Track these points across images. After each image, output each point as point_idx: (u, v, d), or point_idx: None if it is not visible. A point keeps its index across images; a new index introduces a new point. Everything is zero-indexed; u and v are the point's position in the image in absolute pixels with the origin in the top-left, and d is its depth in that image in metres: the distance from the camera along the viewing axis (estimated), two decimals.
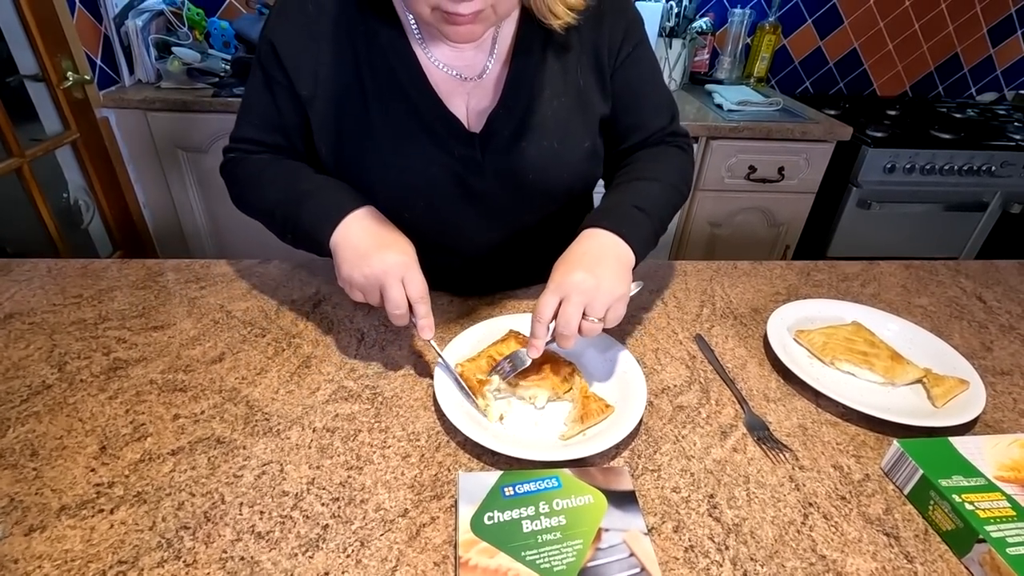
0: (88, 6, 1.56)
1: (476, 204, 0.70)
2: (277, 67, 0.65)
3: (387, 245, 0.59)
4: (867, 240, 1.89)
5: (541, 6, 0.61)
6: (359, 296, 0.60)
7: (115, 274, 0.80)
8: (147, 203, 1.77)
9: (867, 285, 0.88)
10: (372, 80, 0.64)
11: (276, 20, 0.65)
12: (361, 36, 0.63)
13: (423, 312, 0.60)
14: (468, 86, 0.67)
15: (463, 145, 0.66)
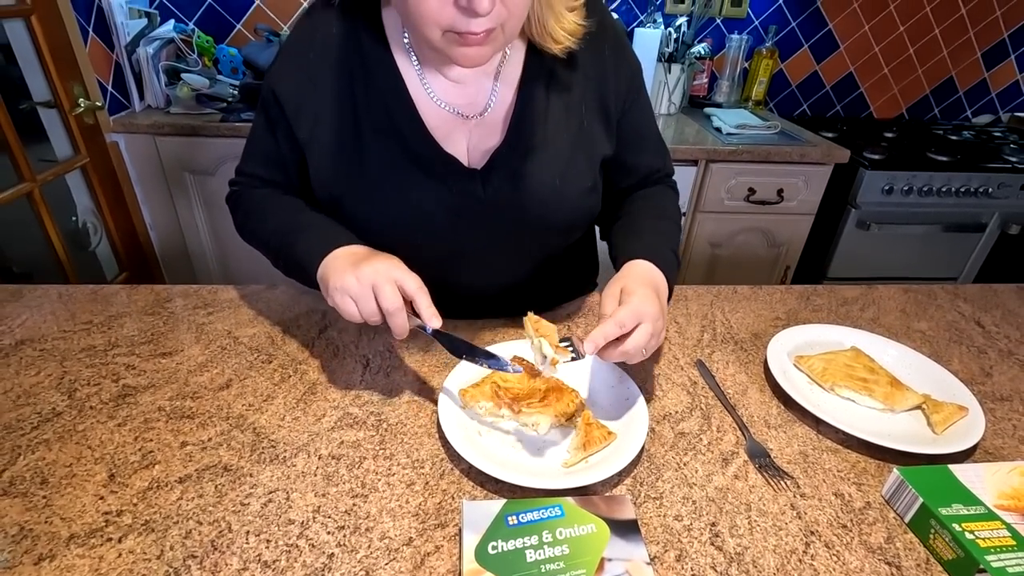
0: (101, 34, 1.60)
1: (476, 239, 0.71)
2: (278, 111, 0.68)
3: (374, 255, 0.60)
4: (867, 261, 1.91)
5: (541, 31, 0.63)
6: (352, 307, 0.57)
7: (124, 300, 0.81)
8: (154, 224, 1.79)
9: (866, 309, 0.89)
10: (369, 121, 0.66)
11: (279, 67, 0.67)
12: (360, 79, 0.65)
13: (424, 303, 0.58)
14: (470, 124, 0.68)
15: (463, 181, 0.67)
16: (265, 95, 0.69)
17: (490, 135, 0.68)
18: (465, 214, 0.68)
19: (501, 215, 0.69)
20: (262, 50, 1.73)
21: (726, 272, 1.92)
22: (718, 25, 2.08)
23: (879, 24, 2.10)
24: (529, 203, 0.69)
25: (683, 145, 1.68)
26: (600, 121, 0.71)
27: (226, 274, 1.87)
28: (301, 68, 0.66)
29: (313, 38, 0.66)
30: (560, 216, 0.71)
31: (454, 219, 0.69)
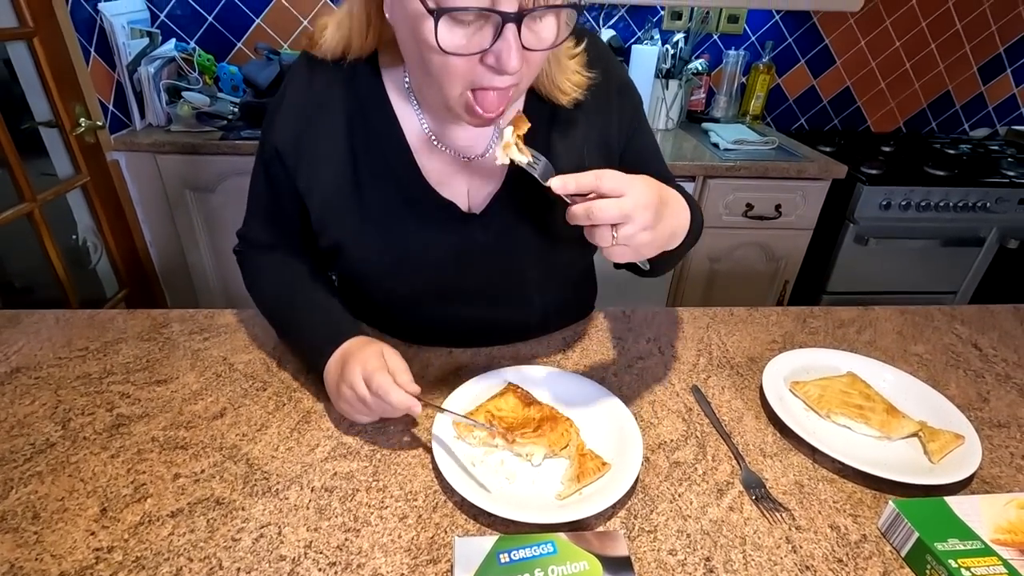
0: (102, 54, 1.62)
1: (475, 279, 0.71)
2: (280, 167, 0.68)
3: (350, 363, 0.61)
4: (865, 275, 1.90)
5: (549, 85, 0.63)
6: (363, 418, 0.64)
7: (121, 325, 0.82)
8: (153, 241, 1.80)
9: (863, 332, 0.88)
10: (367, 166, 0.66)
11: (279, 122, 0.66)
12: (359, 124, 0.65)
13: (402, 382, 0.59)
14: (470, 167, 0.68)
15: (462, 226, 0.67)
16: (267, 153, 0.68)
17: (490, 178, 0.68)
18: (465, 258, 0.68)
19: (501, 258, 0.69)
20: (262, 68, 1.75)
21: (724, 287, 1.92)
22: (715, 41, 2.10)
23: (875, 39, 2.12)
24: (529, 246, 0.68)
25: (681, 161, 1.68)
26: (602, 160, 0.70)
27: (226, 290, 1.88)
28: (300, 118, 0.66)
29: (311, 87, 0.65)
30: (561, 257, 0.71)
31: (453, 263, 0.69)
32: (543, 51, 0.53)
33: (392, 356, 0.61)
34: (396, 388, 0.57)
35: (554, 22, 0.52)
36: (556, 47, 0.55)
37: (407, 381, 0.59)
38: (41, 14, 1.37)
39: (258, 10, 1.86)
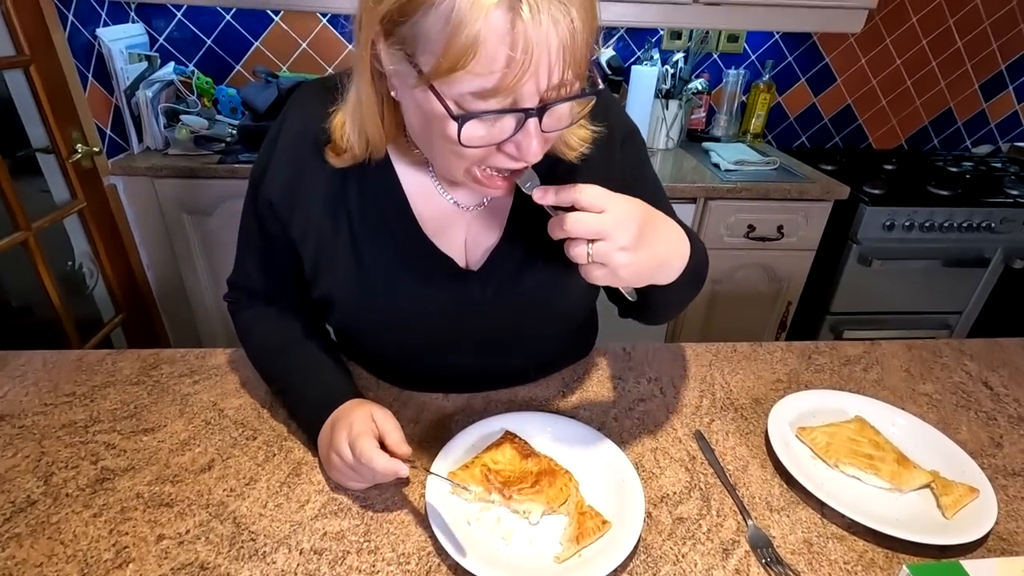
0: (100, 79, 1.61)
1: (473, 334, 0.70)
2: (272, 218, 0.65)
3: (337, 430, 0.59)
4: (870, 296, 1.88)
5: (557, 141, 0.60)
6: (355, 485, 0.61)
7: (109, 367, 0.80)
8: (151, 265, 1.79)
9: (870, 369, 0.86)
10: (361, 217, 0.63)
11: (271, 172, 0.64)
12: (353, 175, 0.62)
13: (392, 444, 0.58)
14: (468, 216, 0.66)
15: (460, 284, 0.65)
16: (260, 205, 0.66)
17: (489, 229, 0.66)
18: (462, 316, 0.67)
19: (499, 315, 0.68)
20: (260, 91, 1.74)
21: (726, 309, 1.90)
22: (715, 60, 2.09)
23: (876, 57, 2.11)
24: (528, 303, 0.67)
25: (681, 183, 1.67)
26: None
27: (223, 313, 1.86)
28: (292, 164, 0.63)
29: (303, 131, 0.62)
30: (561, 311, 0.70)
31: (450, 320, 0.67)
32: (562, 130, 0.52)
33: (382, 417, 0.59)
34: (380, 454, 0.55)
35: (571, 104, 0.50)
36: (572, 125, 0.53)
37: (397, 442, 0.57)
38: (38, 41, 1.36)
39: (257, 33, 1.86)
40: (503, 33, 0.41)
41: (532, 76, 0.43)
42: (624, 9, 1.58)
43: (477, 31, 0.41)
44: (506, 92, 0.44)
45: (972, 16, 2.06)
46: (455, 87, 0.44)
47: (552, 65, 0.43)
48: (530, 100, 0.46)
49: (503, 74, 0.43)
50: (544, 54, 0.42)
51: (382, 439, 0.57)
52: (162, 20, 1.81)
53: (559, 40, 0.42)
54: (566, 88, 0.46)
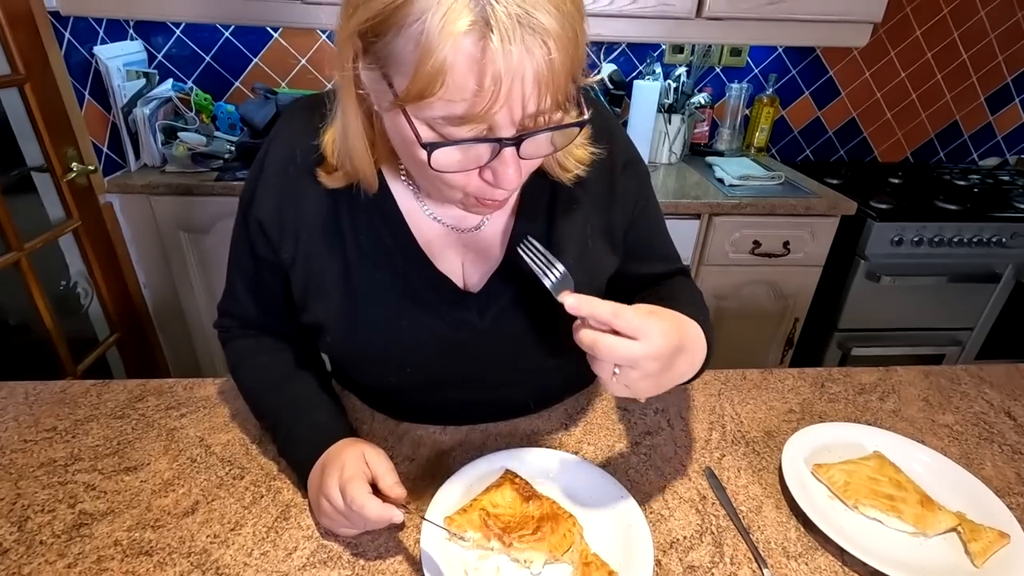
0: (97, 97, 1.60)
1: (470, 364, 0.66)
2: (263, 239, 0.63)
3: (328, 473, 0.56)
4: (878, 312, 1.85)
5: (551, 162, 0.59)
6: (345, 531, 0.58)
7: (93, 400, 0.77)
8: (147, 283, 1.76)
9: (886, 399, 0.83)
10: (354, 240, 0.61)
11: (260, 193, 0.61)
12: (345, 196, 0.59)
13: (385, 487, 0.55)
14: (465, 238, 0.63)
15: (457, 308, 0.62)
16: (250, 227, 0.63)
17: (487, 253, 0.63)
18: (459, 344, 0.63)
19: (499, 344, 0.64)
20: (259, 108, 1.73)
21: (732, 325, 1.86)
22: (718, 74, 2.07)
23: (880, 71, 2.09)
24: (528, 330, 0.64)
25: (685, 199, 1.64)
26: (605, 240, 0.67)
27: None
28: (281, 186, 0.61)
29: (292, 152, 0.60)
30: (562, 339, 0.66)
31: (447, 349, 0.64)
32: (542, 158, 0.51)
33: (375, 458, 0.56)
34: (373, 500, 0.51)
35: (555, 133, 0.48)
36: (555, 153, 0.51)
37: (390, 485, 0.54)
38: (33, 60, 1.35)
39: (256, 49, 1.85)
40: (473, 61, 0.40)
41: (504, 106, 0.42)
42: (626, 25, 1.56)
43: (445, 57, 0.39)
44: (477, 120, 0.43)
45: (977, 29, 2.04)
46: (426, 112, 0.43)
47: (527, 95, 0.42)
48: (506, 129, 0.44)
49: (473, 102, 0.41)
50: (517, 84, 0.41)
51: (375, 482, 0.55)
52: (160, 37, 1.80)
53: (534, 71, 0.41)
54: (544, 117, 0.45)
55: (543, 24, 0.40)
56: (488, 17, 0.39)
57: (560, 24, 0.40)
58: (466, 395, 0.70)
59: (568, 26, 0.41)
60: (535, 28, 0.40)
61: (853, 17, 1.57)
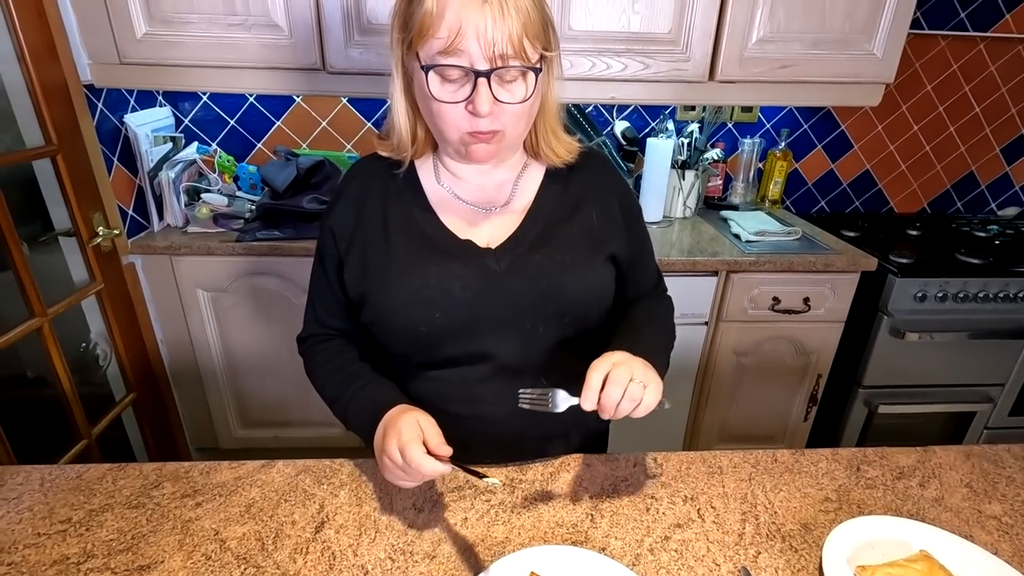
0: (125, 161, 1.65)
1: (493, 310, 0.75)
2: (333, 248, 0.79)
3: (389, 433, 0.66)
4: (904, 369, 1.80)
5: (545, 150, 0.79)
6: (404, 483, 0.67)
7: (109, 487, 0.75)
8: (165, 340, 1.77)
9: (927, 485, 0.79)
10: (395, 224, 0.77)
11: (332, 206, 0.81)
12: (392, 192, 0.79)
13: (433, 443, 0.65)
14: (488, 216, 0.79)
15: (480, 257, 0.76)
16: (323, 240, 0.80)
17: (505, 226, 0.78)
18: (482, 287, 0.75)
19: (515, 287, 0.75)
20: (280, 170, 1.77)
21: (754, 382, 1.82)
22: (730, 130, 2.10)
23: (892, 124, 2.10)
24: (540, 274, 0.76)
25: (702, 256, 1.63)
26: (608, 226, 0.82)
27: (236, 389, 1.83)
28: (349, 200, 0.79)
29: (358, 175, 0.81)
30: (571, 290, 0.77)
31: (472, 293, 0.75)
32: (515, 104, 0.67)
33: (427, 425, 0.66)
34: (426, 458, 0.61)
35: (523, 83, 0.67)
36: (526, 102, 0.68)
37: (438, 445, 0.64)
38: (66, 131, 1.40)
39: (279, 113, 1.91)
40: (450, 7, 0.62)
41: (474, 40, 0.62)
42: (640, 89, 1.59)
43: (432, 5, 0.62)
44: (458, 54, 0.63)
45: (988, 83, 2.05)
46: (427, 49, 0.64)
47: (489, 35, 0.62)
48: (480, 64, 0.64)
49: (452, 38, 0.62)
50: (482, 25, 0.62)
51: (425, 442, 0.64)
52: (188, 102, 1.87)
53: (492, 17, 0.62)
54: (506, 60, 0.64)
55: None
56: None
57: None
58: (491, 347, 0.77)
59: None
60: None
61: (865, 79, 1.59)
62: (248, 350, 1.78)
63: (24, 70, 1.29)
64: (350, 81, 1.55)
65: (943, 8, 1.93)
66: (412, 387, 0.81)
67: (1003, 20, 1.96)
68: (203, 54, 1.47)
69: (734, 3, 1.49)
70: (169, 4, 1.42)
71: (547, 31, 0.69)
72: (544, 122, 0.77)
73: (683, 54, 1.54)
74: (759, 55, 1.55)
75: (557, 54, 0.73)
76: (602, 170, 0.85)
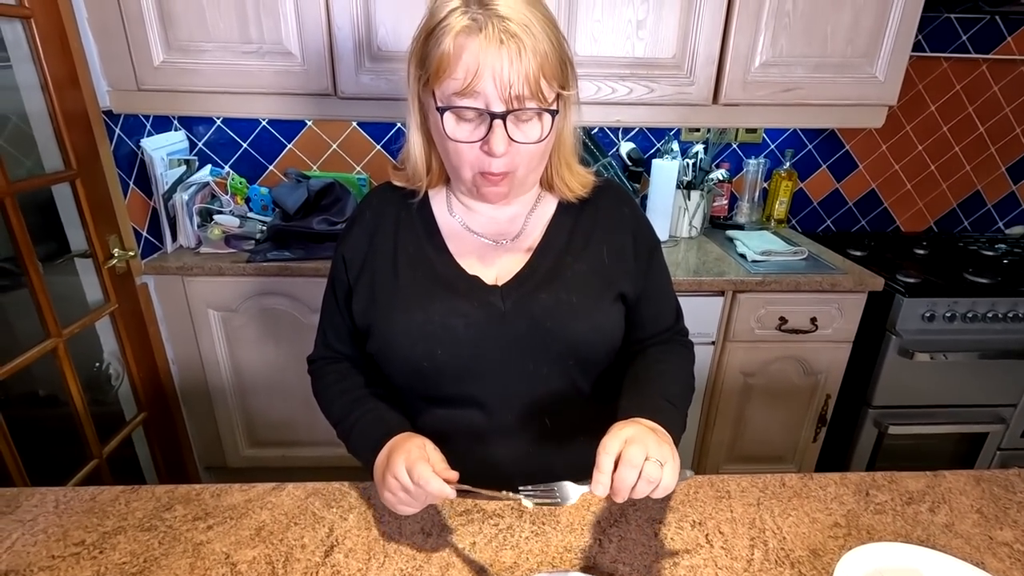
0: (141, 184, 1.69)
1: (495, 351, 0.75)
2: (343, 271, 0.81)
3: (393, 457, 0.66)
4: (914, 388, 1.78)
5: (559, 183, 0.79)
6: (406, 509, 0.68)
7: (122, 509, 0.76)
8: (175, 359, 1.79)
9: (937, 510, 0.78)
10: (405, 256, 0.78)
11: (345, 233, 0.82)
12: (404, 222, 0.80)
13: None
14: (497, 250, 0.79)
15: (486, 295, 0.75)
16: (335, 267, 0.82)
17: (514, 262, 0.78)
18: (485, 326, 0.74)
19: (519, 327, 0.75)
20: (291, 191, 1.80)
21: (762, 403, 1.81)
22: (735, 150, 2.12)
23: (897, 144, 2.12)
24: (544, 315, 0.74)
25: (707, 276, 1.64)
26: (619, 263, 0.80)
27: (244, 408, 1.84)
28: (362, 228, 0.81)
29: (372, 203, 0.83)
30: (575, 332, 0.75)
31: (475, 331, 0.74)
32: (530, 144, 0.68)
33: (432, 451, 0.66)
34: (435, 477, 0.61)
35: (538, 123, 0.68)
36: (541, 142, 0.69)
37: (444, 468, 0.64)
38: (86, 156, 1.44)
39: (290, 136, 1.95)
40: (467, 50, 0.62)
41: (490, 82, 0.62)
42: (645, 112, 1.62)
43: (450, 47, 0.62)
44: (474, 95, 0.64)
45: (992, 103, 2.07)
46: (443, 89, 0.65)
47: (505, 78, 0.62)
48: (496, 106, 0.64)
49: (469, 79, 0.62)
50: (498, 67, 0.62)
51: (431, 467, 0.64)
52: (202, 126, 1.92)
53: (508, 59, 0.62)
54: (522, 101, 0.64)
55: (516, 31, 0.61)
56: (480, 24, 0.62)
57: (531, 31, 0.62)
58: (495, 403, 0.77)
59: (539, 33, 0.63)
60: (511, 32, 0.61)
61: (868, 101, 1.61)
62: (257, 369, 1.79)
63: (47, 98, 1.33)
64: (360, 106, 1.58)
65: (944, 31, 1.96)
66: (417, 421, 0.81)
67: (1004, 43, 1.98)
68: (218, 80, 1.51)
69: (737, 29, 1.52)
70: (186, 32, 1.46)
71: (565, 70, 0.68)
72: (559, 155, 0.77)
73: (687, 78, 1.57)
74: (762, 79, 1.58)
75: (575, 91, 0.72)
76: (616, 203, 0.82)
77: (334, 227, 1.74)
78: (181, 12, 1.44)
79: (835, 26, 1.53)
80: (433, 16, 0.65)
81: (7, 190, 1.21)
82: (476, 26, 0.61)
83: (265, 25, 1.46)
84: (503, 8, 0.62)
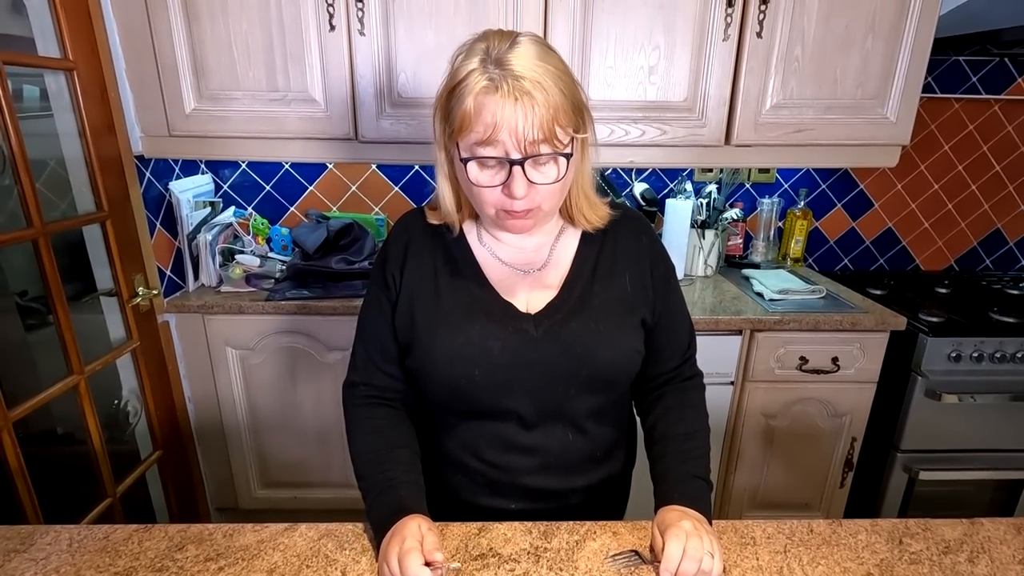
0: (167, 225, 1.74)
1: (528, 373, 0.80)
2: (389, 287, 0.85)
3: (383, 560, 0.70)
4: (943, 431, 1.72)
5: (579, 216, 0.85)
6: None
7: (135, 548, 0.76)
8: (192, 397, 1.80)
9: (976, 560, 0.74)
10: (445, 280, 0.84)
11: (384, 252, 0.87)
12: (441, 249, 0.85)
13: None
14: (528, 278, 0.84)
15: (520, 322, 0.81)
16: (378, 285, 0.86)
17: (546, 292, 0.84)
18: (519, 350, 0.80)
19: (550, 352, 0.80)
20: (311, 232, 1.84)
21: (786, 445, 1.76)
22: (748, 189, 2.13)
23: (912, 183, 2.11)
24: (574, 342, 0.80)
25: (725, 315, 1.63)
26: (640, 290, 0.86)
27: (258, 448, 1.83)
28: (403, 247, 0.86)
29: (408, 228, 0.88)
30: (603, 358, 0.81)
31: (510, 355, 0.79)
32: (548, 184, 0.73)
33: (428, 534, 0.69)
34: (423, 570, 0.65)
35: (555, 165, 0.73)
36: (558, 182, 0.74)
37: (430, 549, 0.67)
38: (117, 198, 1.49)
39: (312, 179, 2.01)
40: (486, 106, 0.68)
41: (507, 133, 0.68)
42: (658, 153, 1.64)
43: (471, 104, 0.69)
44: (494, 144, 0.70)
45: (1007, 142, 2.07)
46: (466, 141, 0.71)
47: (522, 129, 0.68)
48: (515, 154, 0.70)
49: (489, 131, 0.69)
50: (515, 120, 0.68)
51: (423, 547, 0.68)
52: (228, 170, 1.99)
53: (523, 112, 0.67)
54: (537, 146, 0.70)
55: (529, 88, 0.67)
56: (497, 83, 0.68)
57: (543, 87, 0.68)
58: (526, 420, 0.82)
59: (551, 87, 0.68)
60: (524, 90, 0.67)
61: (881, 141, 1.62)
62: (272, 408, 1.79)
63: (84, 144, 1.40)
64: (380, 149, 1.63)
65: (954, 73, 1.98)
66: (447, 435, 0.87)
67: (1015, 84, 2.00)
68: (246, 127, 1.58)
69: (747, 73, 1.55)
70: (217, 81, 1.54)
71: (579, 115, 0.74)
72: (578, 190, 0.82)
73: (699, 120, 1.60)
74: (773, 120, 1.60)
75: (591, 132, 0.78)
76: (635, 233, 0.88)
77: (352, 267, 1.76)
78: (213, 63, 1.52)
79: (844, 69, 1.56)
80: (455, 75, 0.71)
81: (41, 230, 1.26)
82: (493, 85, 0.68)
83: (292, 74, 1.53)
84: (518, 67, 0.68)
